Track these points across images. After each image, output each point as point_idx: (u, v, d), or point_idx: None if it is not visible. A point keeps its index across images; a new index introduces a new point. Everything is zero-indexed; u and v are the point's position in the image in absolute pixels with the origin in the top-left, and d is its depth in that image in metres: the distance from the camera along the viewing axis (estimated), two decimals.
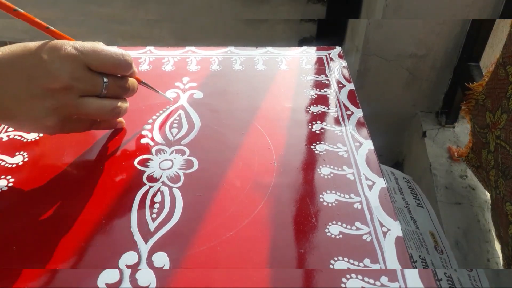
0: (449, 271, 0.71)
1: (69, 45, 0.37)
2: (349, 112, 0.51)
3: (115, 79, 0.40)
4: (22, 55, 0.36)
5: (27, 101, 0.36)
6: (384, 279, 0.32)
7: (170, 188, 0.40)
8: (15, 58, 0.36)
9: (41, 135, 0.47)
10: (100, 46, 0.38)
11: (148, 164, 0.43)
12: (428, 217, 0.81)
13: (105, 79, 0.39)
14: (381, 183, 0.41)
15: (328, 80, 0.57)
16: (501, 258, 0.77)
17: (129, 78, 0.42)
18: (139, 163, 0.43)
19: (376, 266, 0.33)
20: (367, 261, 0.34)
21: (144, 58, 0.61)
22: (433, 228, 0.79)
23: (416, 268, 0.49)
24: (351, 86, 0.56)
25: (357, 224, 0.37)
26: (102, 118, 0.42)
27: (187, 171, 0.42)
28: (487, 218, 0.89)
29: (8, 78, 0.36)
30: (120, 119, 0.46)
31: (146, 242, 0.35)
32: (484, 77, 0.86)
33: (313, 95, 0.54)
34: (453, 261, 0.74)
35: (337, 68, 0.60)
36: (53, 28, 0.39)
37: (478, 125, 0.86)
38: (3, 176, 0.41)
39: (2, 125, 0.48)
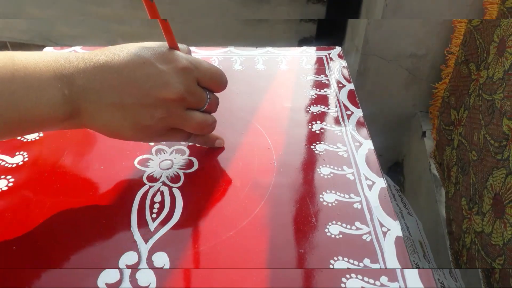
0: (441, 277, 0.71)
1: (184, 58, 0.37)
2: (349, 112, 0.51)
3: (213, 96, 0.41)
4: (133, 63, 0.35)
5: (136, 110, 0.35)
6: (384, 279, 0.32)
7: (170, 188, 0.40)
8: (123, 66, 0.35)
9: (41, 134, 0.47)
10: (205, 62, 0.39)
11: (148, 164, 0.43)
12: (416, 227, 0.83)
13: (208, 95, 0.40)
14: (381, 183, 0.41)
15: (328, 80, 0.57)
16: (449, 254, 0.78)
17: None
18: (139, 163, 0.43)
19: (376, 266, 0.33)
20: (367, 261, 0.34)
21: None
22: (421, 238, 0.80)
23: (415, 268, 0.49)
24: (351, 86, 0.56)
25: (357, 224, 0.37)
26: (201, 132, 0.41)
27: (187, 171, 0.42)
28: None
29: (115, 86, 0.35)
30: (221, 138, 0.45)
31: (146, 242, 0.35)
32: (443, 75, 0.89)
33: (313, 95, 0.54)
34: (439, 273, 0.74)
35: (337, 68, 0.60)
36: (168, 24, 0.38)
37: (444, 123, 0.87)
38: (3, 176, 0.41)
39: None
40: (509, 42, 0.65)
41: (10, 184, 0.41)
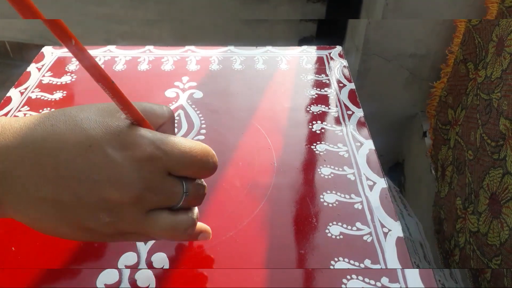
0: (442, 278, 0.71)
1: (149, 141, 0.26)
2: (349, 112, 0.51)
3: (196, 187, 0.29)
4: (75, 145, 0.24)
5: (76, 210, 0.25)
6: (384, 280, 0.32)
7: None
8: (62, 148, 0.24)
9: None
10: (183, 142, 0.27)
11: None
12: (416, 228, 0.83)
13: (185, 187, 0.28)
14: (381, 183, 0.41)
15: (328, 79, 0.57)
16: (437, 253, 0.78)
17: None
18: None
19: (377, 266, 0.33)
20: (367, 262, 0.34)
21: (143, 57, 0.61)
22: (421, 239, 0.80)
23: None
24: (351, 85, 0.56)
25: (358, 224, 0.37)
26: (171, 239, 0.29)
27: None
28: None
29: (47, 176, 0.24)
30: (206, 230, 0.33)
31: (145, 242, 0.35)
32: (442, 74, 0.89)
33: (314, 95, 0.54)
34: (440, 274, 0.74)
35: (338, 67, 0.60)
36: (117, 86, 0.25)
37: (441, 122, 0.88)
38: None
39: None
40: (508, 42, 0.65)
41: None
